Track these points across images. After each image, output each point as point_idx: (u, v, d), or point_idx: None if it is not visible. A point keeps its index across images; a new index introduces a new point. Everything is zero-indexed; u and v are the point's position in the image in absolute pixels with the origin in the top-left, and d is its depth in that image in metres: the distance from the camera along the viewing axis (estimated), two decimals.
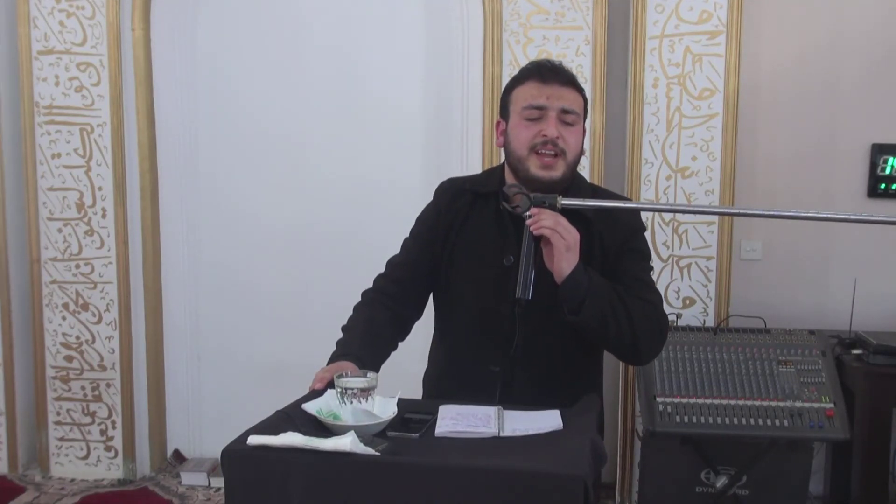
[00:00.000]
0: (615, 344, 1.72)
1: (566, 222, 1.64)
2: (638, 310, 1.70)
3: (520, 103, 1.77)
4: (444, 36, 3.22)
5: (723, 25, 2.91)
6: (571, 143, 1.74)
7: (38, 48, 3.21)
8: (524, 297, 1.61)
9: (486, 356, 1.79)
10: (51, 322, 3.33)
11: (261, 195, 3.43)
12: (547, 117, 1.73)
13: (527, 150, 1.74)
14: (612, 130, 3.07)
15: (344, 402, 1.49)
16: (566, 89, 1.76)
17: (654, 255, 3.00)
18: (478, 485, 1.30)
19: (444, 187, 1.94)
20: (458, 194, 1.89)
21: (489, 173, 1.93)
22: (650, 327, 1.72)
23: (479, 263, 1.81)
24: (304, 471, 1.34)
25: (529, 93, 1.76)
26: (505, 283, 1.76)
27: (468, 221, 1.84)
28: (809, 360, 2.63)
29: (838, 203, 3.13)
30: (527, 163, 1.74)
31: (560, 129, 1.73)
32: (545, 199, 1.64)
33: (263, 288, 3.47)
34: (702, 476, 2.68)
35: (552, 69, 1.78)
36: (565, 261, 1.63)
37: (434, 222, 1.89)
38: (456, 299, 1.86)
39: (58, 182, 3.26)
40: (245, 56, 3.38)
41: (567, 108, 1.74)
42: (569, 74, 1.79)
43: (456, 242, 1.84)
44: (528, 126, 1.74)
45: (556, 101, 1.73)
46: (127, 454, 3.36)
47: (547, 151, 1.72)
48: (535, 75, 1.77)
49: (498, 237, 1.80)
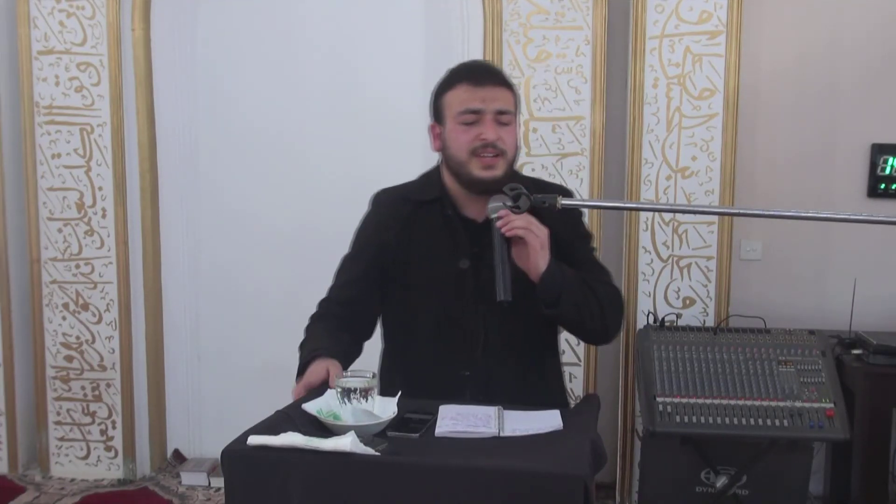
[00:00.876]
0: (588, 330, 1.79)
1: (535, 220, 1.67)
2: (604, 295, 1.77)
3: (454, 108, 1.76)
4: (444, 36, 3.21)
5: (723, 25, 2.91)
6: (509, 142, 1.76)
7: (38, 48, 3.21)
8: (506, 298, 1.63)
9: (455, 361, 1.79)
10: (51, 322, 3.33)
11: (261, 195, 3.43)
12: (483, 120, 1.74)
13: (467, 153, 1.74)
14: (612, 130, 3.07)
15: (344, 402, 1.49)
16: (499, 89, 1.77)
17: (654, 255, 3.01)
18: (478, 485, 1.30)
19: (382, 199, 1.92)
20: (398, 204, 1.87)
21: (426, 179, 1.90)
22: (616, 309, 1.81)
23: (434, 271, 1.80)
24: (304, 471, 1.34)
25: (463, 97, 1.76)
26: (463, 286, 1.77)
27: (415, 230, 1.82)
28: (809, 360, 2.63)
29: (838, 203, 3.13)
30: (468, 166, 1.75)
31: (497, 130, 1.74)
32: (545, 199, 1.65)
33: (263, 288, 3.47)
34: (702, 476, 2.68)
35: (484, 71, 1.80)
36: (541, 258, 1.66)
37: (377, 236, 1.86)
38: (415, 310, 1.83)
39: (58, 182, 3.26)
40: (245, 56, 3.38)
41: (502, 109, 1.75)
42: (500, 74, 1.81)
43: (406, 252, 1.82)
44: (466, 130, 1.75)
45: (491, 103, 1.74)
46: (127, 454, 3.36)
47: (487, 154, 1.73)
48: (467, 78, 1.78)
49: (449, 242, 1.80)
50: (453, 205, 1.82)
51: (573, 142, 3.05)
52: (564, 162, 3.06)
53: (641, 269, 3.02)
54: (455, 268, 1.78)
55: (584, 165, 3.05)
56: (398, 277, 1.83)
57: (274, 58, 3.36)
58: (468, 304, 1.78)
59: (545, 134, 3.06)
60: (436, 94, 1.84)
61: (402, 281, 1.83)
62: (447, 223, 1.81)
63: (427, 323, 1.81)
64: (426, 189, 1.86)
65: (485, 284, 1.73)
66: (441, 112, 1.81)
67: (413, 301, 1.83)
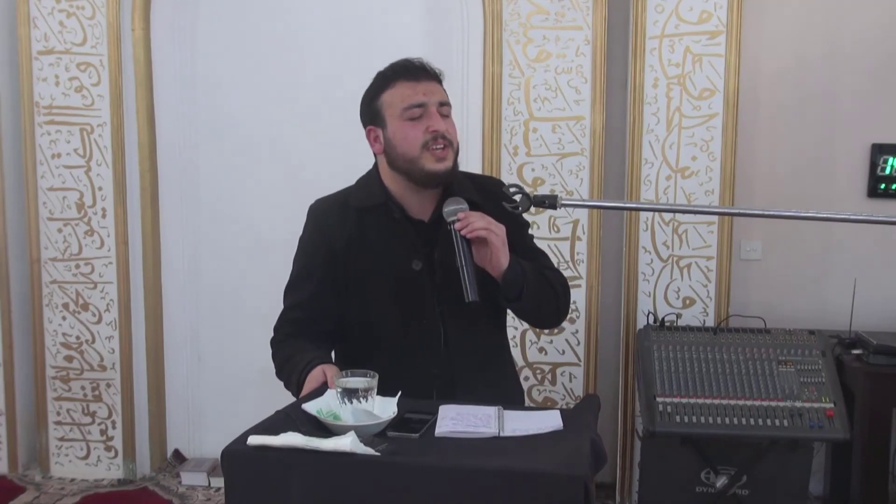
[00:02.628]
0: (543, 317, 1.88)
1: (492, 219, 1.68)
2: (556, 282, 1.83)
3: (397, 105, 1.76)
4: (444, 36, 3.21)
5: (723, 25, 2.91)
6: (453, 133, 1.78)
7: (38, 48, 3.21)
8: (474, 299, 1.64)
9: (421, 362, 1.78)
10: (51, 322, 3.33)
11: (261, 195, 3.42)
12: (428, 113, 1.74)
13: (419, 148, 1.74)
14: (612, 130, 3.07)
15: (344, 402, 1.49)
16: (434, 84, 1.78)
17: (654, 255, 3.01)
18: (478, 485, 1.30)
19: (322, 209, 1.90)
20: (340, 212, 1.85)
21: (365, 184, 1.88)
22: (566, 295, 1.87)
23: (389, 275, 1.79)
24: (304, 471, 1.34)
25: (405, 93, 1.76)
26: (419, 287, 1.77)
27: (363, 236, 1.81)
28: (809, 360, 2.63)
29: (838, 203, 3.13)
30: (420, 161, 1.74)
31: (443, 122, 1.76)
32: (545, 198, 1.64)
33: (264, 288, 3.44)
34: (702, 476, 2.68)
35: (420, 67, 1.80)
36: (503, 256, 1.68)
37: (323, 247, 1.84)
38: (374, 315, 1.81)
39: (58, 182, 3.26)
40: (244, 56, 3.38)
41: (443, 101, 1.77)
42: (434, 69, 1.82)
43: (357, 260, 1.80)
44: (414, 125, 1.74)
45: (432, 96, 1.76)
46: (127, 454, 3.36)
47: (438, 146, 1.74)
48: (404, 75, 1.78)
49: (400, 245, 1.79)
50: (399, 207, 1.81)
51: (573, 142, 3.05)
52: (564, 162, 3.05)
53: (641, 269, 3.02)
54: (409, 269, 1.78)
55: (584, 165, 3.04)
56: (352, 285, 1.82)
57: (273, 57, 3.36)
58: (427, 304, 1.78)
59: (545, 134, 3.06)
60: (370, 97, 1.83)
61: (357, 288, 1.81)
62: (395, 226, 1.80)
63: (388, 326, 1.80)
64: (368, 194, 1.84)
65: (441, 283, 1.75)
66: (379, 113, 1.80)
67: (371, 307, 1.81)
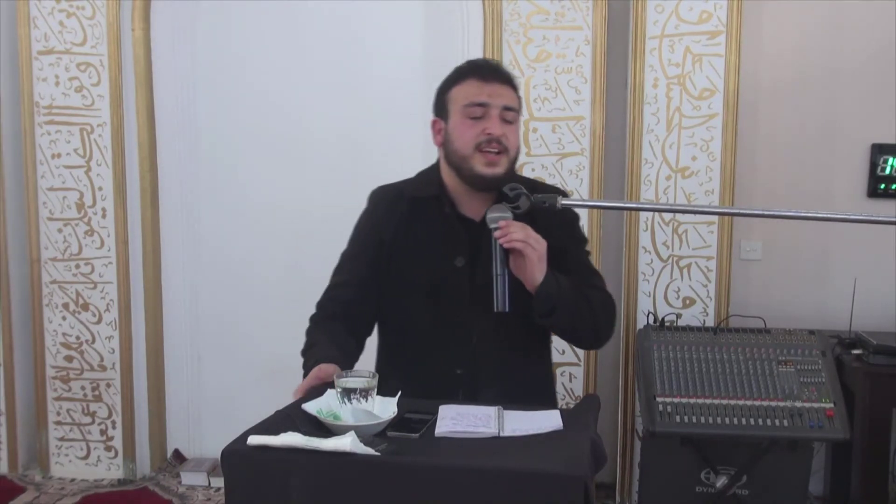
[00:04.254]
0: (580, 336, 1.84)
1: (534, 232, 1.66)
2: (598, 302, 1.78)
3: (461, 101, 1.76)
4: (444, 36, 3.21)
5: (723, 25, 2.91)
6: (512, 140, 1.76)
7: (38, 48, 3.21)
8: (503, 309, 1.63)
9: (447, 359, 1.78)
10: (51, 322, 3.33)
11: (262, 195, 3.43)
12: (489, 115, 1.74)
13: (471, 148, 1.74)
14: (612, 130, 3.07)
15: (344, 402, 1.49)
16: (505, 88, 1.77)
17: (654, 255, 3.01)
18: (478, 485, 1.30)
19: (379, 195, 1.91)
20: (394, 201, 1.86)
21: (424, 176, 1.89)
22: (607, 317, 1.82)
23: (430, 268, 1.79)
24: (304, 471, 1.34)
25: (470, 91, 1.76)
26: (457, 285, 1.76)
27: (412, 227, 1.81)
28: (809, 360, 2.63)
29: (838, 203, 3.13)
30: (471, 161, 1.74)
31: (502, 126, 1.74)
32: (545, 199, 1.64)
33: (264, 288, 3.47)
34: (702, 476, 2.68)
35: (492, 68, 1.80)
36: (538, 271, 1.66)
37: (374, 233, 1.85)
38: (409, 307, 1.82)
39: (58, 182, 3.26)
40: (245, 56, 3.38)
41: (508, 106, 1.75)
42: (507, 73, 1.81)
43: (402, 249, 1.81)
44: (472, 124, 1.74)
45: (497, 98, 1.74)
46: (127, 454, 3.36)
47: (491, 149, 1.73)
48: (474, 74, 1.78)
49: (446, 240, 1.79)
50: (451, 202, 1.81)
51: (573, 142, 3.05)
52: (564, 162, 3.06)
53: (641, 269, 3.02)
54: (451, 266, 1.77)
55: (584, 165, 3.04)
56: (394, 275, 1.82)
57: (274, 57, 3.36)
58: (462, 302, 1.77)
59: (545, 134, 3.06)
60: (441, 89, 1.83)
61: (397, 278, 1.82)
62: (444, 221, 1.80)
63: (421, 320, 1.81)
64: (424, 186, 1.85)
65: (480, 284, 1.73)
66: (445, 107, 1.80)
67: (408, 298, 1.82)
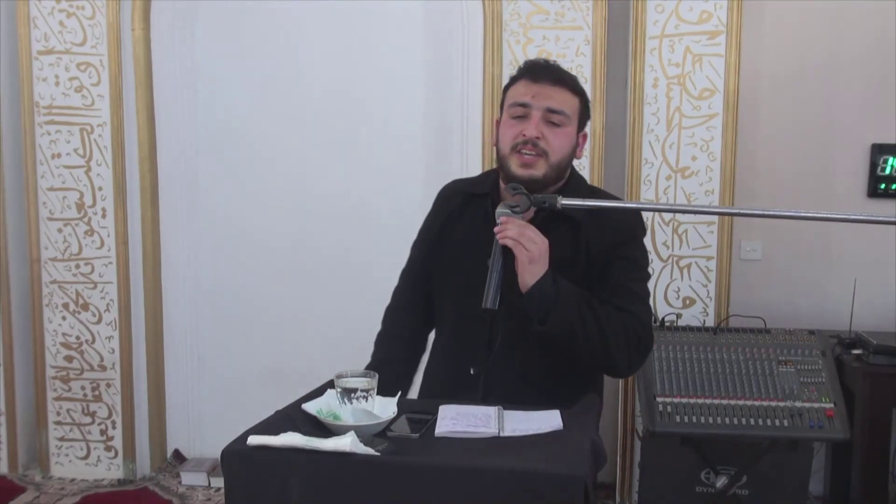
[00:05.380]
0: (584, 354, 1.67)
1: (533, 232, 1.61)
2: (612, 320, 1.64)
3: (509, 101, 1.76)
4: (444, 36, 3.21)
5: (723, 25, 2.91)
6: (556, 144, 1.70)
7: (38, 48, 3.20)
8: (491, 307, 1.58)
9: (466, 358, 1.79)
10: (51, 322, 3.32)
11: (261, 195, 3.42)
12: (530, 116, 1.71)
13: (509, 148, 1.72)
14: (612, 130, 3.07)
15: (344, 402, 1.49)
16: (556, 89, 1.72)
17: (654, 255, 3.00)
18: (478, 485, 1.30)
19: (443, 189, 1.95)
20: (452, 195, 1.89)
21: (485, 175, 1.92)
22: (626, 339, 1.66)
23: (466, 264, 1.78)
24: (304, 471, 1.34)
25: (518, 91, 1.74)
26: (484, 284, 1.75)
27: (459, 222, 1.83)
28: (809, 360, 2.63)
29: (838, 203, 3.12)
30: (509, 161, 1.73)
31: (544, 129, 1.70)
32: (545, 199, 1.62)
33: (264, 288, 3.46)
34: (702, 476, 2.68)
35: (543, 68, 1.76)
36: (528, 273, 1.61)
37: (430, 225, 1.90)
38: (444, 301, 1.84)
39: (58, 182, 3.26)
40: (244, 56, 3.38)
41: (553, 108, 1.70)
42: (560, 74, 1.76)
43: (447, 243, 1.83)
44: (514, 125, 1.73)
45: (542, 100, 1.70)
46: (127, 454, 3.36)
47: (527, 151, 1.70)
48: (527, 73, 1.76)
49: (484, 237, 1.75)
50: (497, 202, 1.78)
51: None
52: None
53: None
54: (482, 264, 1.73)
55: (583, 165, 3.04)
56: (435, 269, 1.84)
57: (273, 58, 3.36)
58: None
59: None
60: (505, 87, 1.83)
61: (436, 273, 1.84)
62: (485, 219, 1.78)
63: (451, 315, 1.82)
64: (483, 183, 1.86)
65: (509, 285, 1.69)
66: (503, 104, 1.80)
67: (441, 294, 1.85)
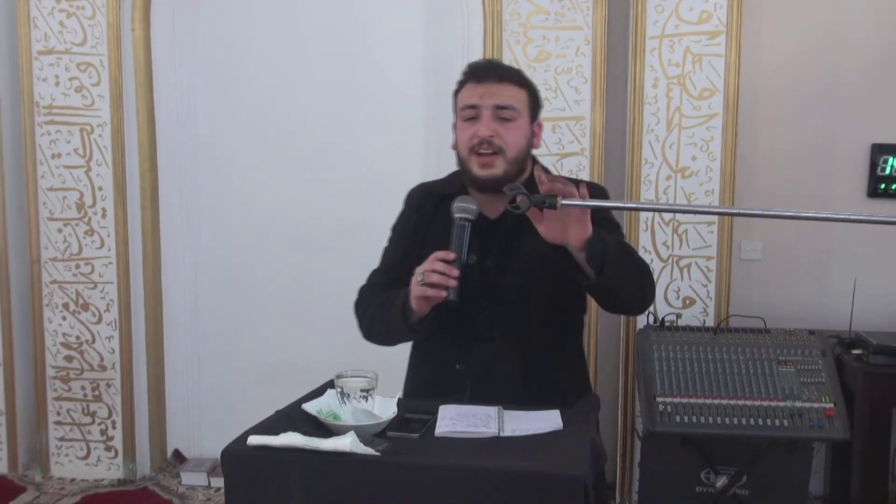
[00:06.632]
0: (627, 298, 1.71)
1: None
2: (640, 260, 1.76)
3: (459, 105, 1.79)
4: (444, 36, 3.22)
5: (723, 25, 2.91)
6: (510, 139, 1.74)
7: (38, 48, 3.20)
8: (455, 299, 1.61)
9: (450, 354, 1.79)
10: (51, 322, 3.32)
11: (262, 195, 3.43)
12: (481, 116, 1.74)
13: (467, 150, 1.76)
14: (612, 130, 3.07)
15: (344, 402, 1.49)
16: (502, 86, 1.75)
17: (654, 255, 3.01)
18: (478, 485, 1.30)
19: (413, 191, 1.97)
20: (425, 197, 1.91)
21: (453, 175, 1.92)
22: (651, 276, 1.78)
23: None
24: (304, 471, 1.34)
25: (466, 94, 1.78)
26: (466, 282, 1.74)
27: (434, 222, 1.84)
28: (809, 360, 2.63)
29: (838, 203, 3.13)
30: (468, 163, 1.76)
31: (496, 126, 1.73)
32: (545, 199, 1.63)
33: (264, 288, 3.47)
34: (702, 476, 2.68)
35: (485, 67, 1.80)
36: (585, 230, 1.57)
37: (405, 226, 1.91)
38: None
39: (58, 182, 3.26)
40: (245, 55, 3.38)
41: (502, 104, 1.73)
42: (503, 71, 1.80)
43: (423, 243, 1.83)
44: (467, 127, 1.76)
45: (489, 98, 1.73)
46: (127, 454, 3.36)
47: (484, 150, 1.73)
48: (470, 76, 1.79)
49: None
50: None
51: (573, 142, 3.05)
52: (564, 162, 3.05)
53: None
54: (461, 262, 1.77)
55: (584, 165, 3.05)
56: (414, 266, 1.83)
57: (274, 56, 3.36)
58: (471, 298, 1.77)
59: (545, 134, 3.02)
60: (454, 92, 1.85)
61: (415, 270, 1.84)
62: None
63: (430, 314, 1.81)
64: (449, 183, 1.89)
65: (491, 283, 1.75)
66: (454, 109, 1.83)
67: None
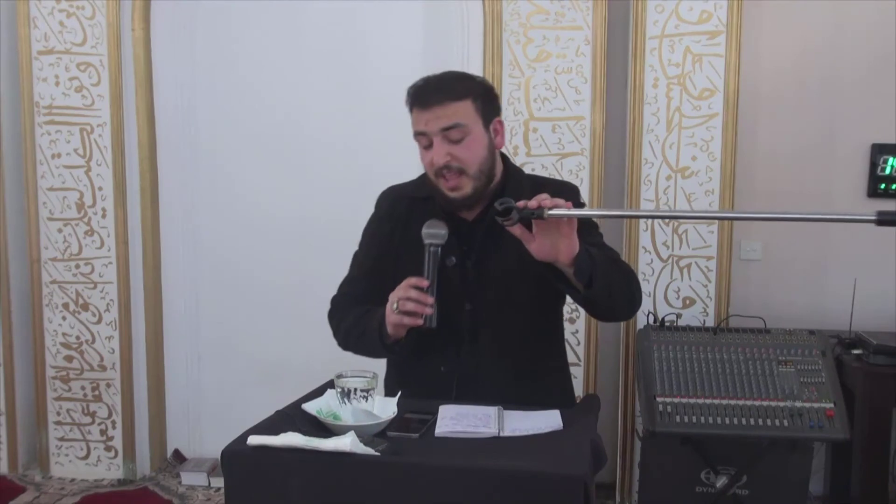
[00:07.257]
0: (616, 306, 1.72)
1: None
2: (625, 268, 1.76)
3: (413, 129, 1.77)
4: (444, 36, 3.21)
5: (723, 25, 2.91)
6: (466, 157, 1.72)
7: (38, 48, 3.21)
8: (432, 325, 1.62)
9: (434, 357, 1.79)
10: (51, 322, 3.33)
11: (262, 195, 3.43)
12: (432, 142, 1.73)
13: (433, 175, 1.76)
14: (612, 130, 3.07)
15: (344, 402, 1.49)
16: (444, 107, 1.71)
17: (654, 255, 3.01)
18: (478, 485, 1.30)
19: (384, 195, 1.96)
20: (396, 201, 1.90)
21: (423, 178, 1.90)
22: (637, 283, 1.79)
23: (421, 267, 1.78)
24: (304, 471, 1.34)
25: (414, 120, 1.76)
26: (448, 283, 1.76)
27: (409, 225, 1.83)
28: (809, 360, 2.63)
29: (838, 203, 3.13)
30: (438, 186, 1.76)
31: (449, 148, 1.71)
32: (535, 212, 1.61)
33: (264, 288, 3.47)
34: (702, 476, 2.68)
35: (423, 90, 1.75)
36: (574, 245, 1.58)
37: (378, 231, 1.90)
38: None
39: (58, 182, 3.26)
40: (245, 56, 3.38)
41: (447, 126, 1.71)
42: (441, 90, 1.74)
43: (399, 247, 1.84)
44: (424, 154, 1.76)
45: (434, 123, 1.71)
46: (127, 454, 3.36)
47: (448, 176, 1.73)
48: (415, 102, 1.76)
49: None
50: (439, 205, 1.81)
51: (573, 142, 3.05)
52: (564, 162, 3.06)
53: (641, 269, 3.02)
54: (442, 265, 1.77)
55: (584, 165, 3.05)
56: (390, 271, 1.83)
57: (274, 57, 3.36)
58: (453, 300, 1.77)
59: (545, 134, 3.06)
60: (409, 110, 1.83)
61: (393, 275, 1.81)
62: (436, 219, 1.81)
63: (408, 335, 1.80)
64: (421, 187, 1.88)
65: (472, 284, 1.76)
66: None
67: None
